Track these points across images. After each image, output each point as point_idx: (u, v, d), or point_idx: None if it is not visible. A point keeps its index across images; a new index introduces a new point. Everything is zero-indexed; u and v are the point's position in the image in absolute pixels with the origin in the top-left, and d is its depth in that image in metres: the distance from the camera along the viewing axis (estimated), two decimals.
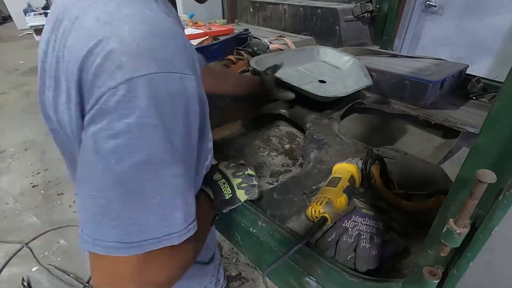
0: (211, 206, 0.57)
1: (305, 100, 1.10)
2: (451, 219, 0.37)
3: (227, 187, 0.60)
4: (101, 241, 0.34)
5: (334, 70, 1.34)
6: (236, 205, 0.63)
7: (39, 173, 2.47)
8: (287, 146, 1.04)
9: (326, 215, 0.62)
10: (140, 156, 0.32)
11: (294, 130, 1.14)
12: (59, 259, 1.80)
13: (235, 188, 0.61)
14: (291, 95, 1.04)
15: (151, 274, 0.36)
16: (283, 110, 1.13)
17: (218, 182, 0.60)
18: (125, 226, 0.34)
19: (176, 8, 0.46)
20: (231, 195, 0.60)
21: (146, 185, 0.34)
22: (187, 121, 0.35)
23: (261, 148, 1.03)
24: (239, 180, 0.62)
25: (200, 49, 1.34)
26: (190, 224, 0.38)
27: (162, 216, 0.35)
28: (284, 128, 1.16)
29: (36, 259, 1.78)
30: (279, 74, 1.06)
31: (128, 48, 0.32)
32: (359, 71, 1.22)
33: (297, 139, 1.09)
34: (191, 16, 2.07)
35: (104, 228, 0.34)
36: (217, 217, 0.62)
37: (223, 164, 0.65)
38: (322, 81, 1.22)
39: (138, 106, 0.31)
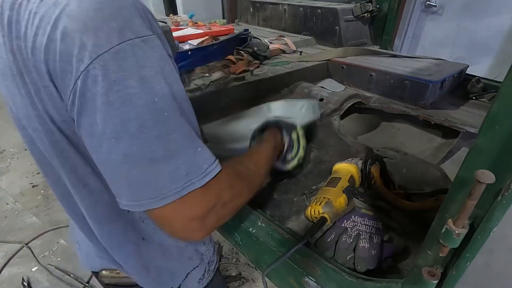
0: (275, 155, 0.65)
1: None
2: (450, 220, 0.37)
3: (295, 150, 0.70)
4: (137, 202, 0.38)
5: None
6: (280, 168, 0.71)
7: (39, 173, 2.47)
8: None
9: (326, 215, 0.62)
10: (133, 124, 0.34)
11: None
12: (59, 259, 1.80)
13: (297, 158, 0.71)
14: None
15: (187, 211, 0.39)
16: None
17: (295, 140, 0.71)
18: (150, 183, 0.37)
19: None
20: (294, 158, 0.70)
21: (151, 148, 0.36)
22: (167, 79, 0.37)
23: None
24: (302, 153, 0.72)
25: (200, 49, 1.34)
26: (209, 167, 0.40)
27: (179, 166, 0.38)
28: None
29: (36, 259, 1.78)
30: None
31: (83, 25, 0.32)
32: (310, 111, 0.99)
33: None
34: (191, 16, 2.07)
35: (136, 191, 0.38)
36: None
37: (301, 131, 0.75)
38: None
39: (116, 81, 0.32)
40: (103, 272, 0.64)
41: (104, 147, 0.35)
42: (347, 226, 0.62)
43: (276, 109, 1.09)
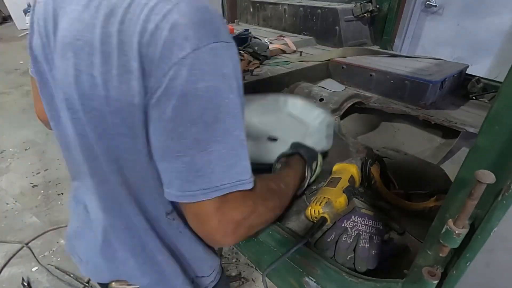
0: (303, 175, 0.68)
1: None
2: (450, 220, 0.37)
3: (314, 172, 0.72)
4: (189, 191, 0.41)
5: (298, 126, 1.04)
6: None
7: (39, 173, 2.47)
8: None
9: (326, 215, 0.62)
10: (210, 113, 0.39)
11: None
12: (59, 259, 1.80)
13: (314, 175, 0.73)
14: None
15: (228, 212, 0.42)
16: None
17: (316, 165, 0.73)
18: (207, 175, 0.40)
19: None
20: (312, 178, 0.72)
21: (218, 139, 0.40)
22: (239, 82, 0.41)
23: None
24: (319, 169, 0.75)
25: None
26: (252, 176, 0.44)
27: (235, 163, 0.41)
28: None
29: (36, 259, 1.78)
30: None
31: (190, 21, 0.37)
32: (323, 131, 0.94)
33: None
34: None
35: (191, 181, 0.40)
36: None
37: (320, 158, 0.76)
38: (272, 139, 0.93)
39: (206, 72, 0.37)
40: (113, 284, 0.63)
41: (178, 130, 0.39)
42: (347, 226, 0.62)
43: (293, 106, 1.09)
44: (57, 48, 0.45)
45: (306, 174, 0.69)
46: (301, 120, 1.05)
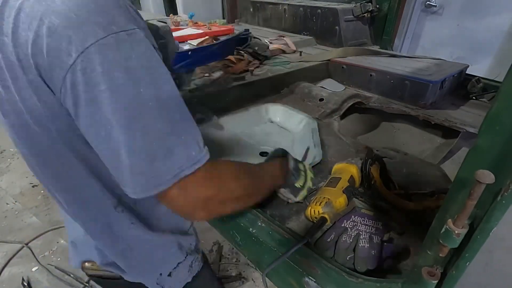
0: (281, 176, 0.65)
1: None
2: (450, 220, 0.37)
3: (303, 179, 0.68)
4: (140, 189, 0.40)
5: (283, 134, 1.07)
6: (290, 198, 0.69)
7: None
8: None
9: (326, 215, 0.62)
10: (122, 114, 0.36)
11: None
12: (59, 259, 1.80)
13: (305, 188, 0.69)
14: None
15: (191, 191, 0.42)
16: None
17: (301, 170, 0.69)
18: (144, 174, 0.39)
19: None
20: (301, 185, 0.68)
21: (138, 140, 0.37)
22: (153, 70, 0.38)
23: None
24: (311, 185, 0.70)
25: (200, 49, 1.34)
26: (199, 154, 0.42)
27: (165, 156, 0.39)
28: None
29: (36, 259, 1.78)
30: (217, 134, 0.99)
31: (68, 21, 0.33)
32: (309, 136, 0.94)
33: None
34: (191, 16, 2.07)
35: (136, 181, 0.39)
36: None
37: (308, 165, 0.73)
38: (264, 153, 0.94)
39: (101, 73, 0.34)
40: (86, 264, 0.65)
41: (101, 135, 0.37)
42: (347, 226, 0.62)
43: (274, 112, 1.13)
44: None
45: (290, 166, 0.67)
46: (284, 126, 1.10)
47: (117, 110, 0.36)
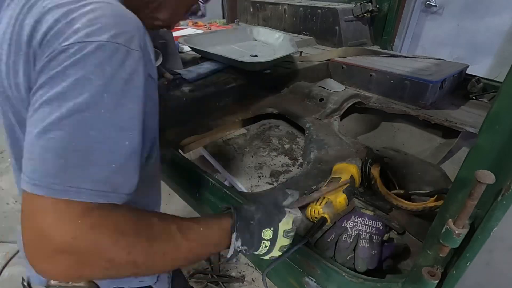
0: (224, 244, 0.47)
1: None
2: (450, 220, 0.37)
3: (267, 240, 0.49)
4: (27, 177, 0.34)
5: (266, 46, 1.47)
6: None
7: None
8: (287, 146, 1.04)
9: (326, 215, 0.62)
10: (74, 106, 0.34)
11: (294, 130, 1.14)
12: None
13: (276, 246, 0.50)
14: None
15: (46, 221, 0.33)
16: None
17: (262, 235, 0.48)
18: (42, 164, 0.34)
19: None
20: (265, 250, 0.50)
21: (74, 135, 0.35)
22: (128, 91, 0.37)
23: (261, 148, 1.03)
24: (287, 242, 0.51)
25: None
26: (112, 193, 0.36)
27: (75, 164, 0.34)
28: (284, 128, 1.16)
29: None
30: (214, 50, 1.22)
31: (86, 20, 0.36)
32: (288, 44, 1.34)
33: (297, 139, 1.09)
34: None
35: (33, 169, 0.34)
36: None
37: (286, 226, 0.51)
38: (253, 56, 1.33)
39: (84, 65, 0.35)
40: (51, 281, 0.54)
41: (37, 115, 0.35)
42: (347, 226, 0.62)
43: (258, 34, 1.52)
44: None
45: (232, 240, 0.47)
46: (266, 42, 1.49)
47: (73, 98, 0.34)
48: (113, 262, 0.36)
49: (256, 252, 0.50)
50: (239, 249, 0.48)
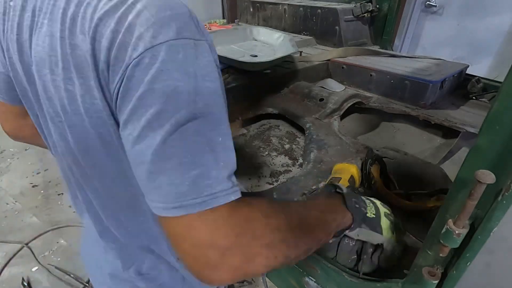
0: (344, 212, 0.51)
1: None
2: (450, 220, 0.37)
3: (371, 207, 0.55)
4: (162, 203, 0.35)
5: (266, 46, 1.47)
6: (375, 236, 0.53)
7: (39, 173, 2.47)
8: (287, 146, 1.04)
9: None
10: (169, 117, 0.34)
11: (294, 130, 1.14)
12: (59, 259, 1.80)
13: (381, 214, 0.55)
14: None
15: (204, 234, 0.34)
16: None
17: (364, 198, 0.56)
18: (166, 188, 0.34)
19: None
20: (374, 215, 0.54)
21: (176, 148, 0.34)
22: (210, 83, 0.37)
23: (261, 148, 1.03)
24: (388, 213, 0.57)
25: None
26: (235, 186, 0.37)
27: (198, 175, 0.34)
28: (284, 128, 1.16)
29: (36, 259, 1.78)
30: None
31: (144, 20, 0.34)
32: (288, 44, 1.33)
33: (297, 139, 1.09)
34: None
35: (157, 193, 0.35)
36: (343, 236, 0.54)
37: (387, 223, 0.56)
38: (253, 56, 1.33)
39: (161, 71, 0.33)
40: None
41: (143, 143, 0.34)
42: None
43: (258, 34, 1.51)
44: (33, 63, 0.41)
45: (353, 217, 0.52)
46: (266, 42, 1.48)
47: (166, 111, 0.34)
48: (271, 247, 0.38)
49: (368, 211, 0.54)
50: (356, 209, 0.52)
